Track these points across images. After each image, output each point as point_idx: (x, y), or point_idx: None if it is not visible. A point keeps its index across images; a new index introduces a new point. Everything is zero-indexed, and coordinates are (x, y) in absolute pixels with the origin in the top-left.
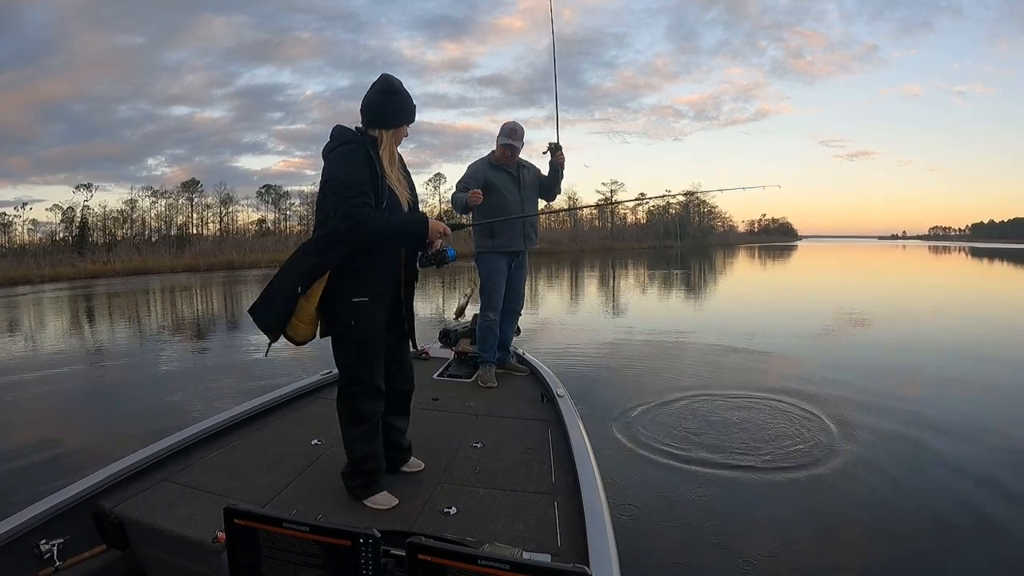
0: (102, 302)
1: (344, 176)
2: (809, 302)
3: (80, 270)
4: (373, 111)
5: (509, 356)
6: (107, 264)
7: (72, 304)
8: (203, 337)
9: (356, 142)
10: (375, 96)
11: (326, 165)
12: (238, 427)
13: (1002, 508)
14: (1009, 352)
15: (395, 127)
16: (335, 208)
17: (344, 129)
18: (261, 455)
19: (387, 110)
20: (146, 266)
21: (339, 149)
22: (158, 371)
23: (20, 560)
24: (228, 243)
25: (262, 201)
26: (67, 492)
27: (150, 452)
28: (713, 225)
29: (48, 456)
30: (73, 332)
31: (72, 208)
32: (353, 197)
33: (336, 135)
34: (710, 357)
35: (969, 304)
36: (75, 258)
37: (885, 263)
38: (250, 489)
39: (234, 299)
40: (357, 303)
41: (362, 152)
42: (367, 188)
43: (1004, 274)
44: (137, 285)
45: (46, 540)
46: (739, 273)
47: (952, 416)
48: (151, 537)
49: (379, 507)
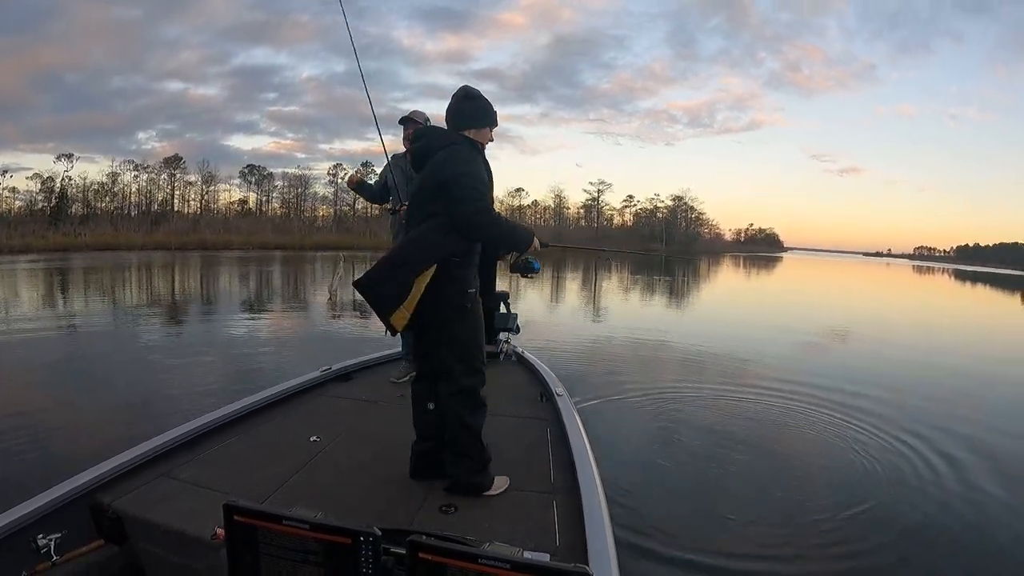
0: (44, 278)
1: (476, 173)
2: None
3: (50, 242)
4: (465, 115)
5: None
6: (77, 237)
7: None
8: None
9: (475, 146)
10: (462, 101)
11: (447, 162)
12: (237, 423)
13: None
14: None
15: (480, 129)
16: (465, 202)
17: (447, 132)
18: (260, 451)
19: (478, 112)
20: (117, 241)
21: (459, 148)
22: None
23: (17, 554)
24: (204, 222)
25: (245, 181)
26: (65, 486)
27: (149, 447)
28: (699, 232)
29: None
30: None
31: (52, 178)
32: (484, 193)
33: (446, 135)
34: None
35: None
36: (45, 229)
37: (869, 283)
38: (249, 485)
39: (185, 282)
40: (472, 293)
41: (481, 155)
42: (488, 189)
43: (983, 299)
44: (97, 261)
45: (43, 534)
46: (720, 289)
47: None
48: (149, 532)
49: (500, 490)
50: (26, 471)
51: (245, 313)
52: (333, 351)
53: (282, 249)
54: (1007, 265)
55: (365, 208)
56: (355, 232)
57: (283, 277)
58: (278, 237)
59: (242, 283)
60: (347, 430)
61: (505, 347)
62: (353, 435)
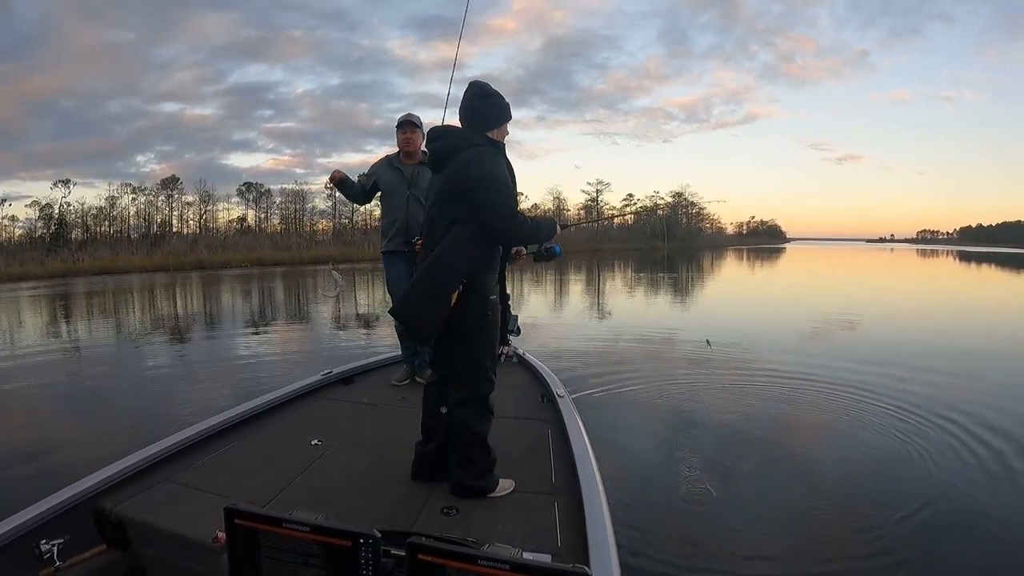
0: (35, 304)
1: (500, 175)
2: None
3: (48, 269)
4: (483, 115)
5: (423, 366)
6: (75, 263)
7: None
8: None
9: (497, 147)
10: (477, 100)
11: (471, 164)
12: (238, 427)
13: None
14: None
15: (498, 127)
16: (493, 206)
17: (466, 132)
18: (261, 455)
19: (495, 111)
20: (115, 265)
21: (483, 151)
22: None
23: (20, 560)
24: (201, 242)
25: (243, 199)
26: (67, 492)
27: (150, 452)
28: (701, 227)
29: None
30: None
31: (50, 205)
32: (511, 196)
33: (467, 136)
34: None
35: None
36: (43, 256)
37: (878, 271)
38: (250, 489)
39: (179, 302)
40: (493, 300)
41: (503, 155)
42: (513, 191)
43: (989, 279)
44: (94, 286)
45: (46, 540)
46: (725, 285)
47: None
48: (151, 537)
49: (506, 491)
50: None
51: (245, 328)
52: (335, 357)
53: (281, 265)
54: (1013, 244)
55: (364, 220)
56: (353, 244)
57: (276, 292)
58: (276, 253)
59: (239, 299)
60: (348, 433)
61: (506, 349)
62: (354, 438)
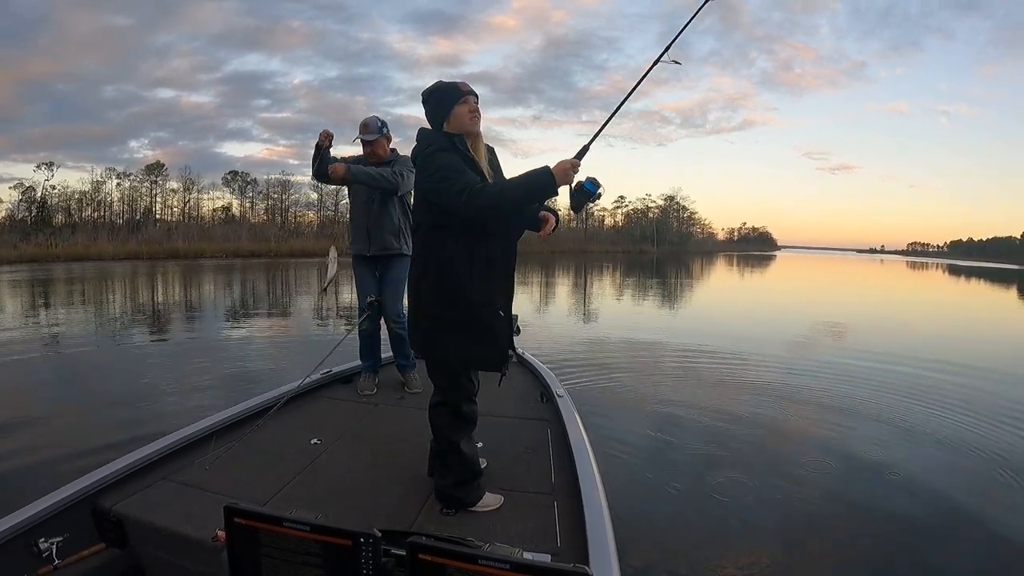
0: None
1: (439, 161)
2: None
3: (21, 253)
4: (430, 116)
5: (408, 366)
6: (49, 248)
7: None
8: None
9: (442, 138)
10: (424, 107)
11: (419, 168)
12: (238, 425)
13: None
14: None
15: (447, 118)
16: (444, 193)
17: (424, 133)
18: (261, 454)
19: (436, 107)
20: (88, 252)
21: (426, 151)
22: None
23: (19, 558)
24: (180, 231)
25: (228, 188)
26: (66, 490)
27: (150, 450)
28: (692, 232)
29: None
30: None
31: (33, 188)
32: (457, 176)
33: (420, 138)
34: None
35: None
36: (17, 240)
37: (867, 284)
38: (250, 488)
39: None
40: (485, 308)
41: (447, 145)
42: (465, 168)
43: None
44: (54, 273)
45: (45, 538)
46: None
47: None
48: (150, 536)
49: (490, 508)
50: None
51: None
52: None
53: (256, 256)
54: (1003, 259)
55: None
56: (336, 238)
57: (254, 285)
58: (252, 244)
59: (194, 291)
60: (348, 432)
61: None
62: (354, 437)
